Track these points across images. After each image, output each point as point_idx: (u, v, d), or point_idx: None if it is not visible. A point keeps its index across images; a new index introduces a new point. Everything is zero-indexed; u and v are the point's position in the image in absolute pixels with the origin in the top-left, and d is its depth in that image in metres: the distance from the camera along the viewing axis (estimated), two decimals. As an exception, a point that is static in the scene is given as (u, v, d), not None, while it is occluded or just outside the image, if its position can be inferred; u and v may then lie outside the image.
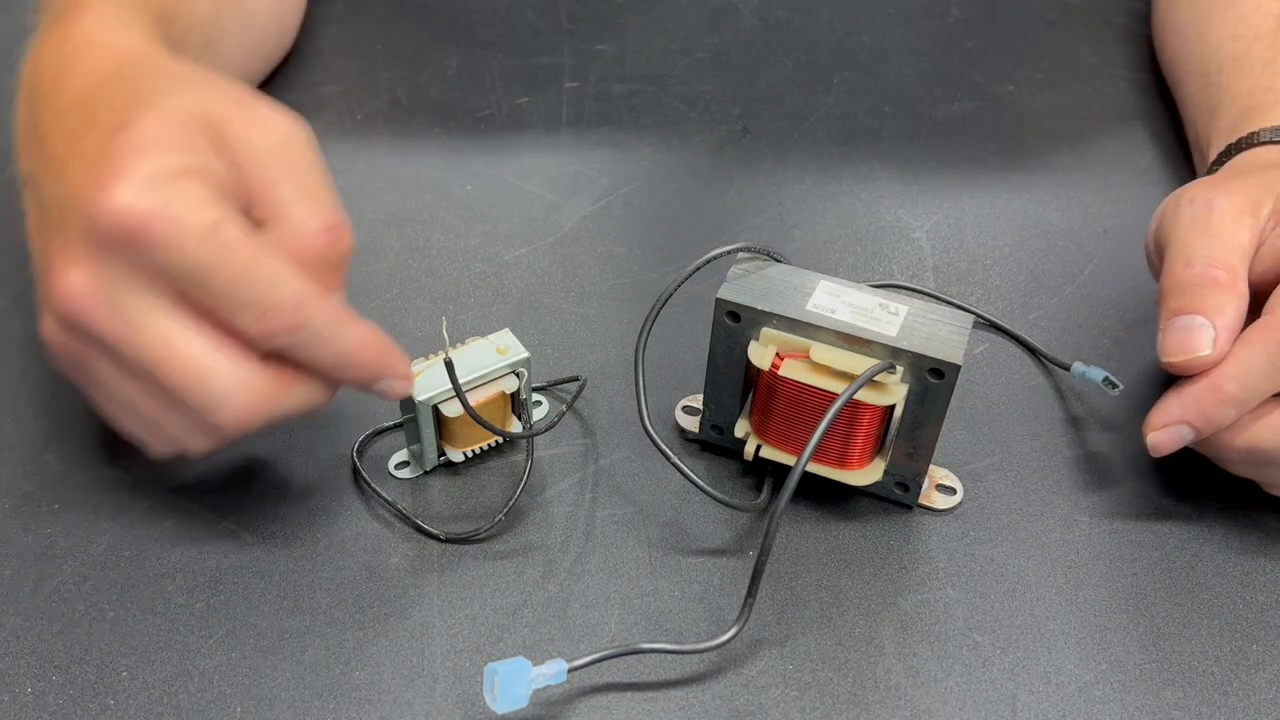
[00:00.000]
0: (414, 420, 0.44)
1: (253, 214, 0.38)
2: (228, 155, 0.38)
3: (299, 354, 0.38)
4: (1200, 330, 0.42)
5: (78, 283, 0.36)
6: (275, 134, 0.39)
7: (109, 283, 0.36)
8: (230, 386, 0.37)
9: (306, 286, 0.37)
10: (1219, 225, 0.44)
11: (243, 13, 0.62)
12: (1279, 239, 0.44)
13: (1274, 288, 0.43)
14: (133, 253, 0.35)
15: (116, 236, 0.35)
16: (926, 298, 0.55)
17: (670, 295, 0.44)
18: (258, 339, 0.37)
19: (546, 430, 0.47)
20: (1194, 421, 0.42)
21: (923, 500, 0.46)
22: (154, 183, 0.35)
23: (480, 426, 0.42)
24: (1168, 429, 0.43)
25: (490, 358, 0.45)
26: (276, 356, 0.38)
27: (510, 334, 0.46)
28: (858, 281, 0.45)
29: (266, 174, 0.38)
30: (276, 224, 0.38)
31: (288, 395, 0.39)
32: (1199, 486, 0.47)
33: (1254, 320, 0.43)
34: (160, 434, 0.40)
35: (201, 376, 0.37)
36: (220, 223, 0.36)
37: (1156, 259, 0.48)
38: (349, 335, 0.39)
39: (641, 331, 0.44)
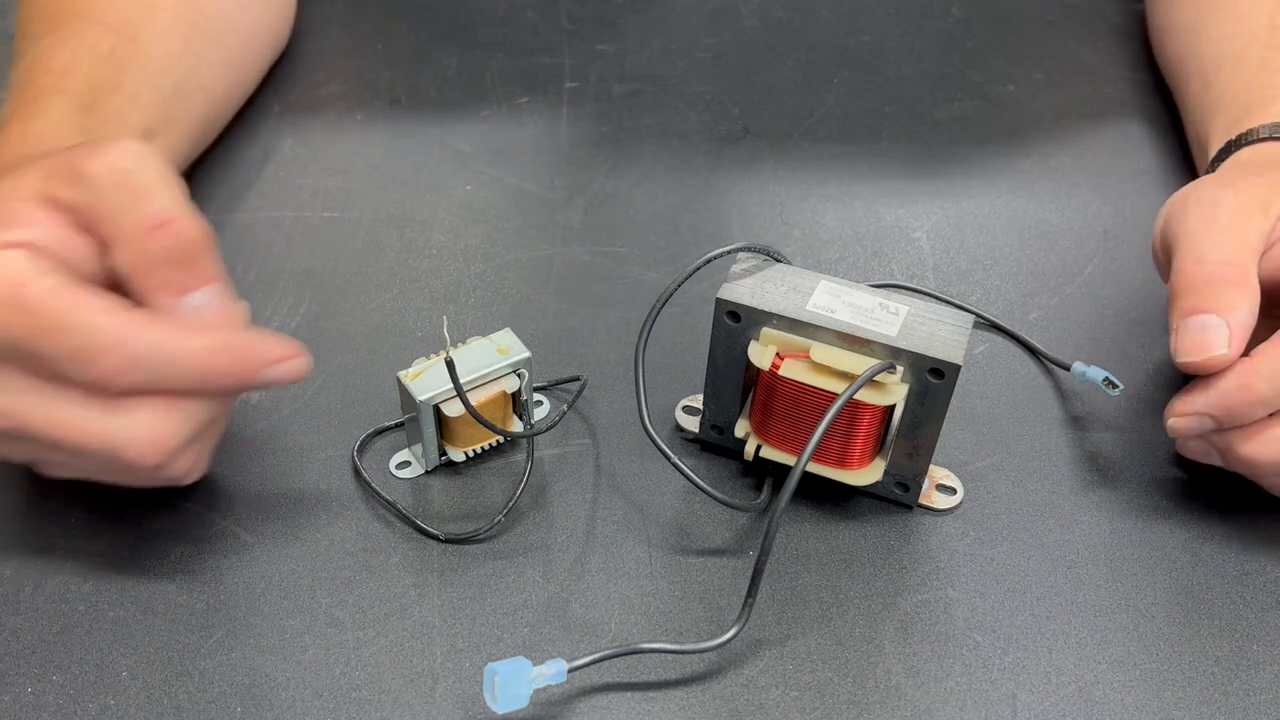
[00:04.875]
0: (415, 420, 0.44)
1: (109, 256, 0.38)
2: (68, 217, 0.38)
3: (158, 384, 0.37)
4: (1215, 330, 0.42)
5: None
6: (103, 172, 0.38)
7: None
8: (125, 437, 0.37)
9: (126, 320, 0.36)
10: (1228, 223, 0.44)
11: (222, 29, 0.62)
12: None
13: None
14: None
15: None
16: (926, 298, 0.55)
17: (670, 295, 0.44)
18: (99, 384, 0.36)
19: (548, 430, 0.47)
20: (1219, 416, 0.42)
21: (923, 500, 0.46)
22: None
23: (481, 426, 0.42)
24: (1190, 417, 0.43)
25: (491, 357, 0.45)
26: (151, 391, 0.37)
27: (511, 334, 0.46)
28: (858, 281, 0.44)
29: (104, 209, 0.38)
30: (115, 247, 0.38)
31: (185, 419, 0.38)
32: (1199, 486, 0.47)
33: (1263, 319, 0.43)
34: (116, 480, 0.40)
35: (95, 437, 0.37)
36: (24, 284, 0.36)
37: (1164, 259, 0.48)
38: (191, 349, 0.37)
39: (641, 331, 0.44)
